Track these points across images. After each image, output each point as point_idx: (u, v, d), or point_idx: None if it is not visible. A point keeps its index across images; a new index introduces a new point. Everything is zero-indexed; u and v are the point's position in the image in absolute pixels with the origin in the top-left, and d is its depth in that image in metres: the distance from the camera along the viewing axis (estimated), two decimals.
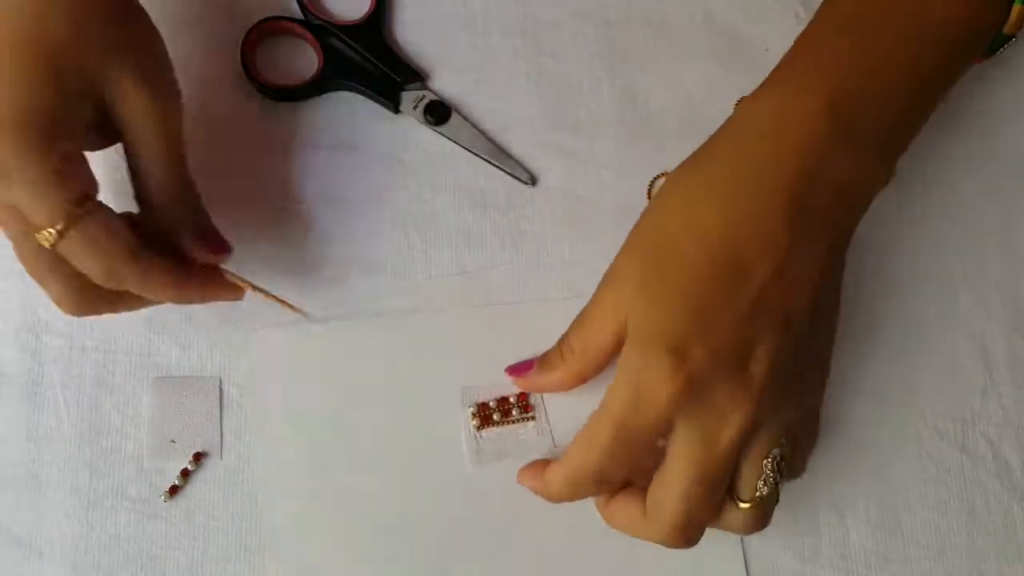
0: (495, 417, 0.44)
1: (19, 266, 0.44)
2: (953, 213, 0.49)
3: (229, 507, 0.43)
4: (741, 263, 0.37)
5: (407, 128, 0.47)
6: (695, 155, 0.41)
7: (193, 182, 0.40)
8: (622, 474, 0.39)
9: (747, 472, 0.38)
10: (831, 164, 0.38)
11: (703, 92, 0.49)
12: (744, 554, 0.44)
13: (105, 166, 0.40)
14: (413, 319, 0.45)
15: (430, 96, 0.47)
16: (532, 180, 0.47)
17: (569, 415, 0.44)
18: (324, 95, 0.47)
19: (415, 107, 0.47)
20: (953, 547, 0.46)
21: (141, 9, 0.39)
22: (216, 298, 0.41)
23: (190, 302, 0.41)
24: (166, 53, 0.40)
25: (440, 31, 0.49)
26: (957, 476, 0.46)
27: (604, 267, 0.46)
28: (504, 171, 0.47)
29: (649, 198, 0.48)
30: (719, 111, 0.49)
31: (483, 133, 0.47)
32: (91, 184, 0.37)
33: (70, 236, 0.35)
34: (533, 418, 0.44)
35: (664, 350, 0.36)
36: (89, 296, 0.38)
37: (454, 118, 0.47)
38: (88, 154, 0.38)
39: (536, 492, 0.42)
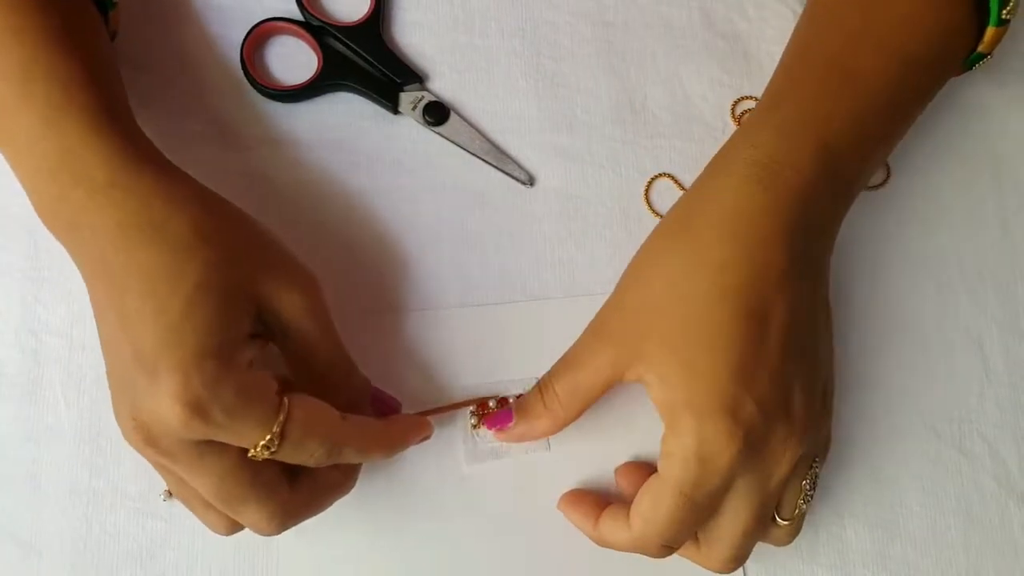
0: None
1: (19, 265, 0.44)
2: (950, 214, 0.49)
3: None
4: (761, 307, 0.37)
5: (406, 129, 0.47)
6: (688, 200, 0.41)
7: (348, 353, 0.40)
8: (688, 536, 0.39)
9: (789, 496, 0.40)
10: (818, 203, 0.39)
11: (701, 92, 0.49)
12: None
13: None
14: (413, 318, 0.45)
15: (429, 97, 0.47)
16: (530, 180, 0.47)
17: None
18: (323, 96, 0.47)
19: (414, 108, 0.47)
20: (950, 546, 0.46)
21: (243, 213, 0.39)
22: (416, 438, 0.41)
23: (398, 451, 0.40)
24: (279, 240, 0.40)
25: (439, 32, 0.49)
26: (954, 476, 0.47)
27: (602, 267, 0.47)
28: (502, 171, 0.47)
29: (647, 199, 0.48)
30: (717, 111, 0.49)
31: (481, 134, 0.48)
32: (274, 378, 0.36)
33: (290, 429, 0.35)
34: None
35: (719, 414, 0.36)
36: (290, 506, 0.37)
37: (453, 119, 0.47)
38: None
39: (584, 533, 0.42)
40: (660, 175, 0.48)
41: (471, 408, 0.44)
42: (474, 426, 0.44)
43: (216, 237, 0.36)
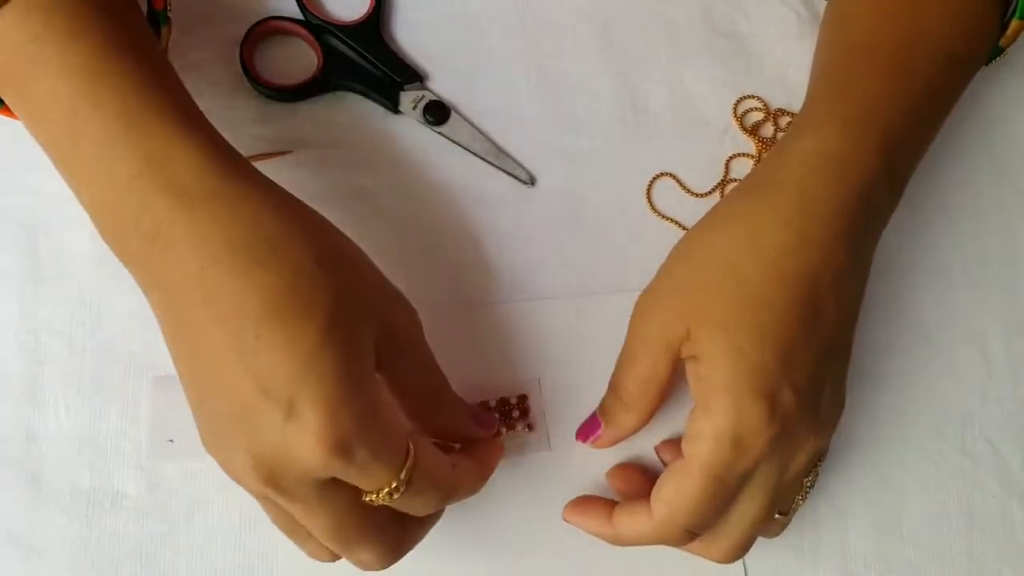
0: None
1: (18, 266, 0.44)
2: (953, 213, 0.49)
3: (228, 505, 0.43)
4: (816, 299, 0.37)
5: (406, 128, 0.47)
6: (748, 186, 0.40)
7: (445, 376, 0.40)
8: (713, 520, 0.38)
9: (793, 491, 0.40)
10: (877, 200, 0.39)
11: (702, 92, 0.49)
12: None
13: None
14: None
15: (429, 96, 0.47)
16: (531, 180, 0.47)
17: (566, 417, 0.44)
18: (323, 95, 0.47)
19: (414, 107, 0.47)
20: (952, 547, 0.46)
21: (345, 235, 0.37)
22: (499, 459, 0.41)
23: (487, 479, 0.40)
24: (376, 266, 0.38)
25: (439, 31, 0.49)
26: (957, 476, 0.46)
27: (603, 267, 0.47)
28: (503, 171, 0.47)
29: (648, 199, 0.48)
30: (718, 111, 0.49)
31: (482, 133, 0.47)
32: (403, 422, 0.36)
33: (416, 477, 0.33)
34: (531, 420, 0.44)
35: (758, 397, 0.36)
36: (397, 543, 0.37)
37: (453, 118, 0.47)
38: None
39: (598, 536, 0.41)
40: (661, 175, 0.48)
41: None
42: None
43: (334, 263, 0.34)
